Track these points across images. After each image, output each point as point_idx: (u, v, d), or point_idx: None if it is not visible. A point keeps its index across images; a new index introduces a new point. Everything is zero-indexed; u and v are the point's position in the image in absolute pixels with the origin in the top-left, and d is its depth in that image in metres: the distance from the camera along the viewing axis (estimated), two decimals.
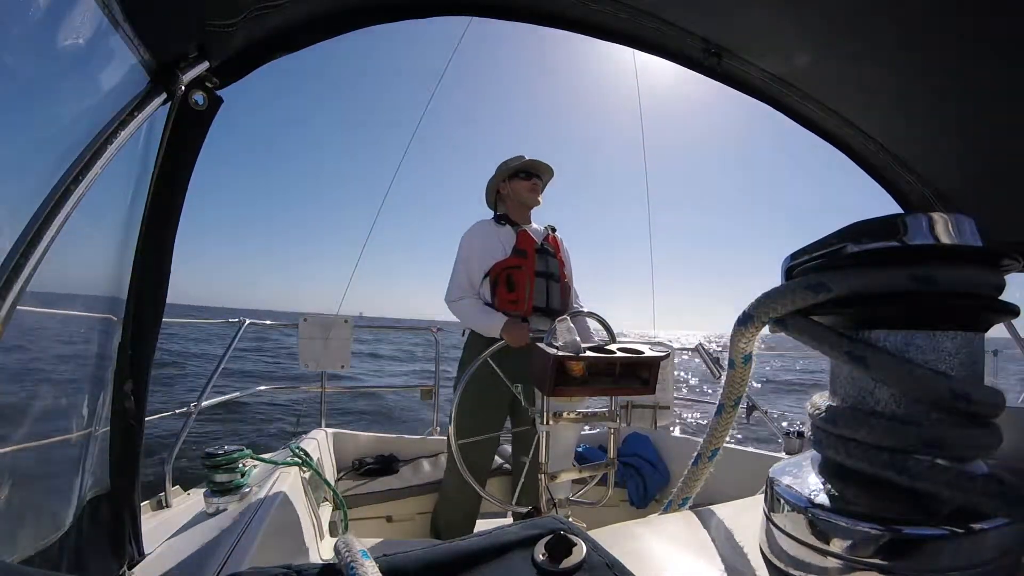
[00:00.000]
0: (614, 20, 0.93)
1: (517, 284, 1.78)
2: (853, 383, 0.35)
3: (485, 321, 1.76)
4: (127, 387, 0.80)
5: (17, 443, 0.63)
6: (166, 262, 0.81)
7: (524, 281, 1.78)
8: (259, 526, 1.02)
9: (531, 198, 1.90)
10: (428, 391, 2.68)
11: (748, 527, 0.43)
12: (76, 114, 0.63)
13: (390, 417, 7.76)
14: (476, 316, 1.79)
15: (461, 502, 1.86)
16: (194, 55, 0.72)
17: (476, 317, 1.79)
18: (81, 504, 0.75)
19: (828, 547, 0.32)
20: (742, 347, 0.44)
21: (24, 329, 0.62)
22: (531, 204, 1.93)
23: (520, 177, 1.90)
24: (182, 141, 0.77)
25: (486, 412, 1.74)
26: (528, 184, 1.89)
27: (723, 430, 0.51)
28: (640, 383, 1.13)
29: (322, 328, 2.39)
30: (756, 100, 1.06)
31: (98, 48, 0.63)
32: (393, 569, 0.24)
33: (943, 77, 0.82)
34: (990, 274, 0.31)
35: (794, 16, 0.83)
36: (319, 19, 0.83)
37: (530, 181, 1.89)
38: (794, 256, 0.38)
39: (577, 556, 0.27)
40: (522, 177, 1.89)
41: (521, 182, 1.90)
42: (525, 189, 1.89)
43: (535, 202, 1.93)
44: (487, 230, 1.88)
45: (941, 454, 0.30)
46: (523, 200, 1.91)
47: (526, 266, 1.80)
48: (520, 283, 1.78)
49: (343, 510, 1.62)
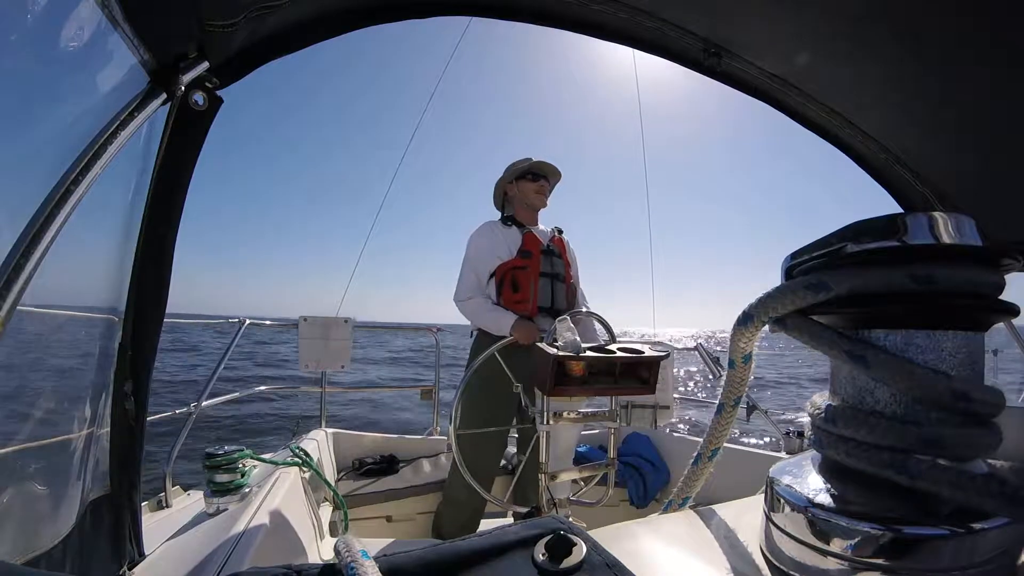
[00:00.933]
0: (614, 20, 0.93)
1: (522, 285, 1.79)
2: (853, 383, 0.35)
3: (496, 319, 1.77)
4: (127, 387, 0.80)
5: (18, 444, 0.63)
6: (166, 262, 0.81)
7: (529, 282, 1.79)
8: (259, 526, 1.02)
9: (538, 199, 1.91)
10: (428, 391, 2.68)
11: (748, 527, 0.43)
12: (76, 114, 0.63)
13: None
14: (487, 315, 1.80)
15: (466, 504, 1.85)
16: (194, 55, 0.72)
17: (487, 316, 1.80)
18: (82, 504, 0.75)
19: (828, 547, 0.32)
20: (742, 347, 0.44)
21: (24, 329, 0.62)
22: (538, 206, 1.94)
23: (527, 179, 1.90)
24: (182, 141, 0.77)
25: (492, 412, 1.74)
26: (535, 186, 1.90)
27: (723, 430, 0.51)
28: (640, 383, 1.13)
29: (322, 328, 2.39)
30: (756, 100, 1.06)
31: (98, 48, 0.63)
32: (393, 569, 0.24)
33: (943, 77, 0.82)
34: (990, 274, 0.31)
35: (794, 16, 0.82)
36: (319, 19, 0.83)
37: (537, 183, 1.90)
38: (794, 256, 0.38)
39: (577, 556, 0.27)
40: (529, 179, 1.90)
41: (528, 184, 1.90)
42: (532, 191, 1.90)
43: (542, 204, 1.94)
44: (493, 231, 1.89)
45: (941, 454, 0.30)
46: (530, 202, 1.92)
47: (531, 266, 1.81)
48: (524, 284, 1.79)
49: (343, 510, 1.62)
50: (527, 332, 1.65)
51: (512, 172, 1.94)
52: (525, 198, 1.92)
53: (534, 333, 1.66)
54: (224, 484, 1.22)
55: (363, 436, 2.35)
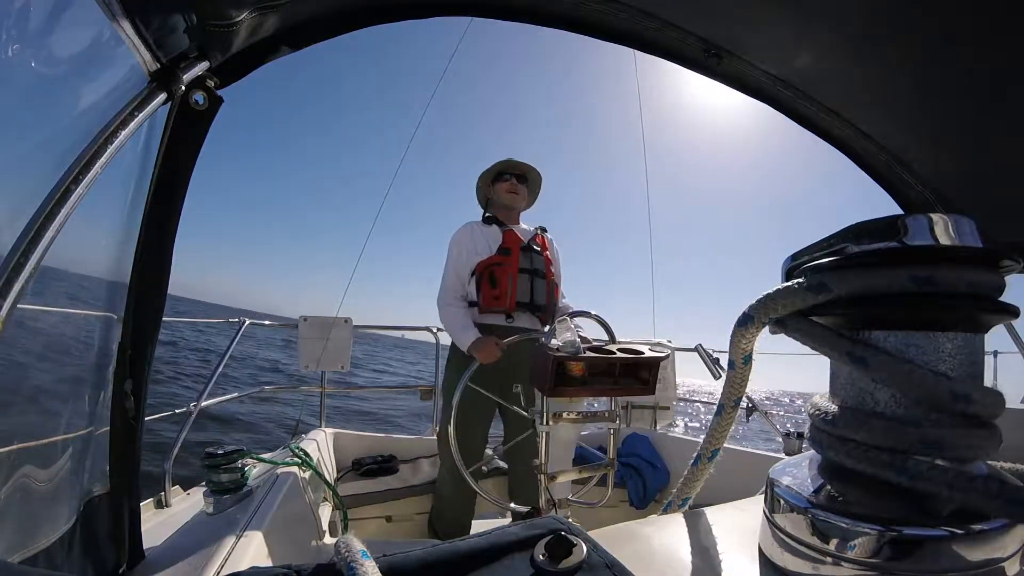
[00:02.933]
0: (614, 20, 0.93)
1: (500, 281, 1.80)
2: (853, 384, 0.35)
3: (460, 336, 1.78)
4: (127, 386, 0.80)
5: (18, 443, 0.63)
6: (166, 262, 0.81)
7: (506, 277, 1.80)
8: (259, 526, 1.02)
9: (510, 199, 1.93)
10: (428, 391, 2.68)
11: (748, 527, 0.43)
12: (76, 114, 0.63)
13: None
14: (454, 329, 1.81)
15: (456, 500, 1.87)
16: (194, 55, 0.72)
17: (454, 330, 1.81)
18: (81, 504, 0.75)
19: (828, 548, 0.32)
20: (742, 348, 0.44)
21: (24, 328, 0.62)
22: (513, 205, 1.95)
23: (501, 179, 1.93)
24: (182, 141, 0.77)
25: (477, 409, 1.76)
26: (506, 186, 1.92)
27: (723, 430, 0.51)
28: (640, 383, 1.13)
29: (322, 328, 2.39)
30: (756, 100, 1.06)
31: (98, 48, 0.63)
32: (393, 569, 0.24)
33: (943, 77, 0.82)
34: (990, 275, 0.31)
35: (794, 16, 0.82)
36: (320, 19, 0.83)
37: (507, 183, 1.91)
38: (794, 256, 0.38)
39: (577, 556, 0.27)
40: (503, 179, 1.93)
41: (500, 184, 1.93)
42: (503, 191, 1.92)
43: (516, 203, 1.95)
44: (473, 230, 1.91)
45: (941, 455, 0.30)
46: (504, 202, 1.94)
47: (509, 263, 1.82)
48: (502, 279, 1.80)
49: (343, 510, 1.62)
50: (486, 352, 1.64)
51: (486, 174, 1.97)
52: (499, 198, 1.94)
53: (494, 351, 1.65)
54: (224, 484, 1.22)
55: (363, 436, 2.35)
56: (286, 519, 1.21)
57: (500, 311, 1.81)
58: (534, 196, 2.05)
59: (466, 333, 1.75)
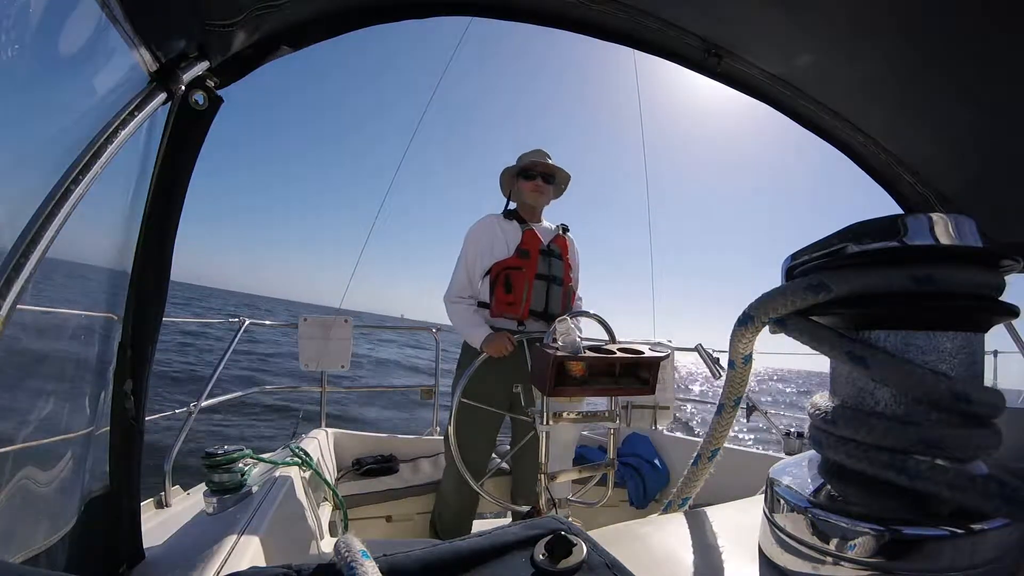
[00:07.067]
0: (614, 20, 0.93)
1: (515, 286, 1.75)
2: (853, 383, 0.35)
3: (470, 331, 1.75)
4: (127, 386, 0.80)
5: (18, 442, 0.63)
6: (166, 261, 0.81)
7: (522, 283, 1.76)
8: (259, 526, 1.02)
9: (533, 198, 1.86)
10: (428, 391, 2.68)
11: (748, 527, 0.43)
12: (76, 114, 0.63)
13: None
14: (464, 325, 1.78)
15: (458, 502, 1.86)
16: (194, 55, 0.72)
17: (464, 326, 1.78)
18: (81, 504, 0.75)
19: (828, 547, 0.32)
20: (742, 347, 0.44)
21: (24, 328, 0.62)
22: (535, 204, 1.89)
23: (527, 177, 1.85)
24: (182, 141, 0.77)
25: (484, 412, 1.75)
26: (531, 185, 1.85)
27: (723, 430, 0.51)
28: (640, 383, 1.13)
29: (322, 328, 2.39)
30: (756, 100, 1.06)
31: (98, 48, 0.63)
32: (393, 569, 0.24)
33: (943, 77, 0.82)
34: (990, 275, 0.31)
35: (794, 16, 0.82)
36: (319, 19, 0.83)
37: (533, 182, 1.84)
38: (794, 256, 0.38)
39: (577, 556, 0.27)
40: (527, 177, 1.85)
41: (524, 182, 1.86)
42: (527, 189, 1.85)
43: (540, 203, 1.90)
44: (492, 226, 1.84)
45: (941, 454, 0.30)
46: (526, 200, 1.88)
47: (527, 268, 1.77)
48: (518, 285, 1.75)
49: (343, 510, 1.62)
50: (498, 346, 1.63)
51: (512, 168, 1.90)
52: (521, 196, 1.88)
53: (505, 345, 1.63)
54: (224, 484, 1.22)
55: (363, 436, 2.35)
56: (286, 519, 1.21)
57: (512, 317, 1.77)
58: (559, 192, 1.99)
59: (478, 329, 1.72)
